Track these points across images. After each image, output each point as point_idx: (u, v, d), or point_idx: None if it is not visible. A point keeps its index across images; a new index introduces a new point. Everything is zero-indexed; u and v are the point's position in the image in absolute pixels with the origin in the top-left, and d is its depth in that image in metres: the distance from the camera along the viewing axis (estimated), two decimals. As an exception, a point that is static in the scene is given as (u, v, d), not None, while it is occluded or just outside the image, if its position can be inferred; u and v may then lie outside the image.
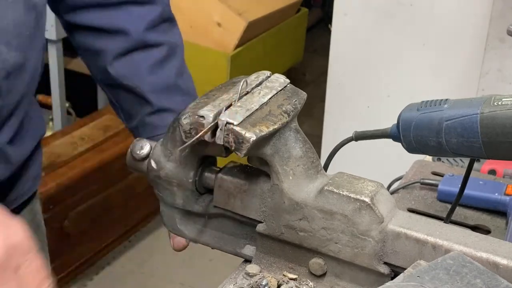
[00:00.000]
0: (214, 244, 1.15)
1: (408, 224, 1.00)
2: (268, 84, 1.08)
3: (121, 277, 3.01)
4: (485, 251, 0.95)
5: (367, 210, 0.99)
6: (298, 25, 3.95)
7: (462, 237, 0.99)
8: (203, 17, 3.32)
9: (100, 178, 2.90)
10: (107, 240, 3.05)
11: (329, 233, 1.02)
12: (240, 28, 3.32)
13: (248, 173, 1.08)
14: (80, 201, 2.83)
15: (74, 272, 2.92)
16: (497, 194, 1.39)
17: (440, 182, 1.44)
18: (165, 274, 2.94)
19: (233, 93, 1.04)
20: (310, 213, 1.02)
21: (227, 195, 1.09)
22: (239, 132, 0.97)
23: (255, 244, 1.10)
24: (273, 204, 1.05)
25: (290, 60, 4.04)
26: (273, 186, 1.04)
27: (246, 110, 1.00)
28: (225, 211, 1.10)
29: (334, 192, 1.01)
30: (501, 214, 1.39)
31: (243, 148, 0.96)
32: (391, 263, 1.01)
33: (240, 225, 1.12)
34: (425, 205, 1.43)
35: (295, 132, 1.04)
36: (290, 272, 1.08)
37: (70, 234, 2.81)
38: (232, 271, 1.12)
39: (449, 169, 1.53)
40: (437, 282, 0.85)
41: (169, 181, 1.10)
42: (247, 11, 3.38)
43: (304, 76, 4.54)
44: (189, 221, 1.15)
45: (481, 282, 0.85)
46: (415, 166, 1.57)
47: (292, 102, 1.05)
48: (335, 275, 1.05)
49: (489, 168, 1.54)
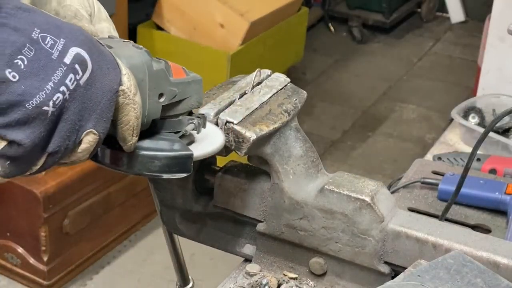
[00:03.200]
0: (214, 243, 1.15)
1: (408, 224, 1.00)
2: (268, 83, 1.08)
3: (121, 277, 3.01)
4: (485, 250, 0.95)
5: (368, 209, 0.99)
6: (299, 24, 3.95)
7: (462, 236, 0.98)
8: (206, 19, 3.33)
9: (100, 178, 2.90)
10: (107, 240, 3.04)
11: (330, 232, 1.02)
12: (243, 29, 3.33)
13: (248, 172, 1.08)
14: (80, 200, 2.82)
15: (74, 272, 2.92)
16: (497, 193, 1.38)
17: (440, 182, 1.44)
18: (165, 273, 2.94)
19: (234, 92, 1.04)
20: (311, 212, 1.02)
21: (227, 194, 1.08)
22: (239, 131, 0.97)
23: (255, 243, 1.10)
24: (273, 203, 1.05)
25: (290, 59, 4.03)
26: (273, 185, 1.04)
27: (246, 109, 1.00)
28: (225, 211, 1.10)
29: (334, 191, 1.01)
30: (502, 213, 1.39)
31: (243, 147, 0.96)
32: (391, 262, 1.01)
33: (240, 225, 1.12)
34: (425, 205, 1.42)
35: (295, 131, 1.04)
36: (291, 272, 1.08)
37: (70, 234, 2.81)
38: (233, 271, 1.12)
39: (450, 168, 1.53)
40: (437, 281, 0.84)
41: (169, 180, 1.10)
42: (249, 11, 3.38)
43: (305, 75, 4.53)
44: (189, 221, 1.15)
45: (481, 281, 0.85)
46: (415, 166, 1.57)
47: (292, 101, 1.05)
48: (336, 274, 1.05)
49: (489, 167, 1.53)
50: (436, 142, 1.85)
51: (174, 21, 3.31)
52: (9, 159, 0.75)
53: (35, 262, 2.76)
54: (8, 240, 2.78)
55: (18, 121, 0.72)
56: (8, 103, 0.71)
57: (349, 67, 4.78)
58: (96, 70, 0.77)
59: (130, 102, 0.81)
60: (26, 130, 0.73)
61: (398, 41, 5.20)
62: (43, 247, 2.73)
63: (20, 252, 2.77)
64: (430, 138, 3.89)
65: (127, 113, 0.82)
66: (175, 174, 0.87)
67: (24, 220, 2.71)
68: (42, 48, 0.73)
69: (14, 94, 0.71)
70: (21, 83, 0.72)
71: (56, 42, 0.74)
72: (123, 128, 0.82)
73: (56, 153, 0.77)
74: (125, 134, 0.83)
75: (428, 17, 5.50)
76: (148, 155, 0.86)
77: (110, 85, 0.78)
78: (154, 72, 0.85)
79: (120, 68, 0.80)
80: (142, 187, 3.08)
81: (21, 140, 0.73)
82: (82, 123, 0.77)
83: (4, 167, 0.75)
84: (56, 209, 2.72)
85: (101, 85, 0.78)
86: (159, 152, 0.86)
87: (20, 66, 0.71)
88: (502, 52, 2.05)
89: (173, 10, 3.28)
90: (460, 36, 5.26)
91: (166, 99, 0.87)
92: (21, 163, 0.76)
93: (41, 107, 0.73)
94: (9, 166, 0.75)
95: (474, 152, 1.22)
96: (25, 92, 0.72)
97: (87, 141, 0.79)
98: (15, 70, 0.71)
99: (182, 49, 3.29)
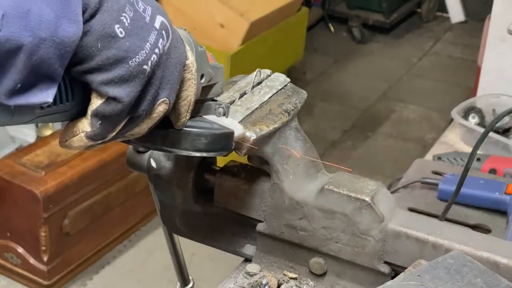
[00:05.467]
0: (214, 243, 1.15)
1: (408, 224, 1.00)
2: (268, 83, 1.08)
3: (121, 276, 3.01)
4: (485, 250, 0.95)
5: (368, 209, 0.99)
6: (299, 24, 3.94)
7: (462, 236, 0.98)
8: (206, 19, 3.32)
9: (100, 178, 2.90)
10: (107, 239, 3.04)
11: (330, 233, 1.02)
12: (243, 29, 3.33)
13: (248, 172, 1.08)
14: (80, 200, 2.82)
15: (74, 272, 2.92)
16: (497, 193, 1.38)
17: (440, 181, 1.44)
18: (165, 273, 2.93)
19: (234, 92, 1.04)
20: (311, 212, 1.02)
21: (227, 194, 1.08)
22: (239, 131, 0.97)
23: (255, 243, 1.10)
24: (273, 203, 1.05)
25: (290, 59, 4.03)
26: (273, 185, 1.04)
27: (246, 109, 1.00)
28: (225, 211, 1.10)
29: (334, 191, 1.01)
30: (502, 213, 1.39)
31: (243, 147, 0.96)
32: (391, 262, 1.01)
33: (240, 225, 1.12)
34: (425, 205, 1.42)
35: (295, 131, 1.04)
36: (291, 272, 1.08)
37: (70, 234, 2.81)
38: (233, 271, 1.12)
39: (450, 169, 1.53)
40: (437, 281, 0.84)
41: (169, 180, 1.10)
42: (249, 11, 3.38)
43: (304, 75, 4.53)
44: (189, 221, 1.15)
45: (481, 281, 0.85)
46: (415, 166, 1.57)
47: (292, 101, 1.05)
48: (336, 274, 1.05)
49: (489, 167, 1.53)
50: (436, 142, 1.85)
51: (174, 21, 3.27)
52: (102, 119, 0.75)
53: (35, 262, 2.76)
54: (8, 240, 2.78)
55: (121, 77, 0.73)
56: (115, 58, 0.72)
57: (349, 67, 4.77)
58: (172, 41, 0.79)
59: (192, 77, 0.83)
60: (126, 87, 0.74)
61: (398, 41, 5.20)
62: (43, 247, 2.73)
63: (20, 252, 2.77)
64: (430, 138, 3.89)
65: (187, 88, 0.83)
66: (218, 152, 0.89)
67: (24, 220, 2.71)
68: (137, 10, 0.75)
69: (120, 50, 0.72)
70: (126, 40, 0.73)
71: (146, 8, 0.76)
72: (181, 103, 0.84)
73: (138, 117, 0.79)
74: (181, 110, 0.84)
75: (428, 17, 5.50)
76: (196, 132, 0.87)
77: (180, 57, 0.80)
78: (199, 52, 0.87)
79: (185, 44, 0.83)
80: (142, 187, 3.08)
81: (122, 97, 0.74)
82: (159, 91, 0.79)
83: (94, 127, 0.76)
84: (56, 209, 2.72)
85: (174, 56, 0.79)
86: (205, 129, 0.87)
87: (125, 23, 0.73)
88: (502, 52, 2.05)
89: (173, 10, 3.28)
90: (460, 36, 5.26)
91: (205, 80, 0.88)
92: (109, 124, 0.76)
93: (142, 65, 0.74)
94: (100, 126, 0.76)
95: (474, 152, 1.22)
96: (130, 48, 0.73)
97: (158, 111, 0.80)
98: (122, 27, 0.72)
99: (182, 49, 3.29)
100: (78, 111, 0.76)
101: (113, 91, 0.73)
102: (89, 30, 0.70)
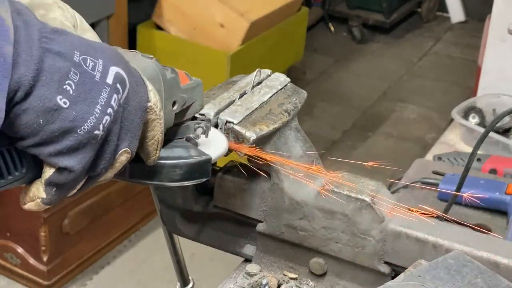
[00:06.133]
0: (214, 243, 1.15)
1: (408, 224, 1.00)
2: (268, 83, 1.08)
3: (121, 277, 3.01)
4: (485, 250, 0.95)
5: (368, 210, 0.99)
6: (299, 23, 3.94)
7: (462, 236, 0.98)
8: (205, 19, 3.32)
9: (100, 177, 2.91)
10: (107, 240, 3.04)
11: (330, 233, 1.02)
12: (243, 29, 3.33)
13: (248, 172, 1.08)
14: (80, 200, 2.82)
15: (74, 272, 2.92)
16: (497, 193, 1.38)
17: (440, 182, 1.44)
18: (165, 273, 2.93)
19: (234, 92, 1.04)
20: (311, 212, 1.02)
21: (227, 194, 1.08)
22: (239, 131, 0.96)
23: (255, 243, 1.10)
24: (273, 203, 1.05)
25: (290, 59, 4.03)
26: (273, 185, 1.04)
27: (246, 109, 1.00)
28: (225, 211, 1.10)
29: (334, 191, 1.00)
30: (502, 213, 1.39)
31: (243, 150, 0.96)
32: (391, 262, 1.00)
33: (240, 225, 1.12)
34: (425, 205, 1.42)
35: (295, 131, 1.04)
36: (291, 272, 1.08)
37: (70, 234, 2.81)
38: (233, 271, 1.11)
39: (450, 169, 1.53)
40: (437, 281, 0.84)
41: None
42: (249, 11, 3.38)
43: (305, 75, 4.53)
44: (189, 221, 1.15)
45: (481, 281, 0.85)
46: (415, 166, 1.56)
47: (292, 101, 1.05)
48: (336, 274, 1.05)
49: (489, 167, 1.53)
50: (436, 142, 1.85)
51: (174, 21, 3.30)
52: (56, 186, 0.73)
53: (35, 262, 2.76)
54: (8, 240, 2.78)
55: (70, 147, 0.70)
56: (61, 130, 0.69)
57: (349, 67, 4.77)
58: (131, 88, 0.76)
59: (157, 118, 0.80)
60: (77, 156, 0.71)
61: (398, 41, 5.20)
62: (43, 247, 2.73)
63: (20, 252, 2.77)
64: (430, 138, 3.89)
65: (153, 128, 0.80)
66: (196, 180, 0.86)
67: (24, 220, 2.71)
68: (85, 71, 0.71)
69: (66, 121, 0.69)
70: (72, 109, 0.69)
71: (96, 63, 0.72)
72: (148, 143, 0.81)
73: (98, 175, 0.76)
74: (150, 149, 0.82)
75: (428, 17, 5.50)
76: (169, 164, 0.85)
77: (141, 102, 0.77)
78: (168, 81, 0.84)
79: (146, 84, 0.79)
80: (142, 187, 3.08)
81: (72, 166, 0.71)
82: (119, 143, 0.76)
83: (49, 194, 0.74)
84: (56, 209, 2.72)
85: (134, 103, 0.76)
86: (179, 160, 0.85)
87: (69, 92, 0.69)
88: (502, 52, 2.05)
89: (173, 10, 3.28)
90: (460, 36, 5.26)
91: (178, 106, 0.86)
92: (65, 190, 0.75)
93: (93, 131, 0.71)
94: (55, 193, 0.74)
95: (474, 152, 1.22)
96: (77, 117, 0.70)
97: (121, 160, 0.78)
98: (65, 96, 0.69)
99: (182, 49, 3.29)
100: (34, 174, 0.75)
101: (63, 161, 0.71)
102: (27, 108, 0.67)
